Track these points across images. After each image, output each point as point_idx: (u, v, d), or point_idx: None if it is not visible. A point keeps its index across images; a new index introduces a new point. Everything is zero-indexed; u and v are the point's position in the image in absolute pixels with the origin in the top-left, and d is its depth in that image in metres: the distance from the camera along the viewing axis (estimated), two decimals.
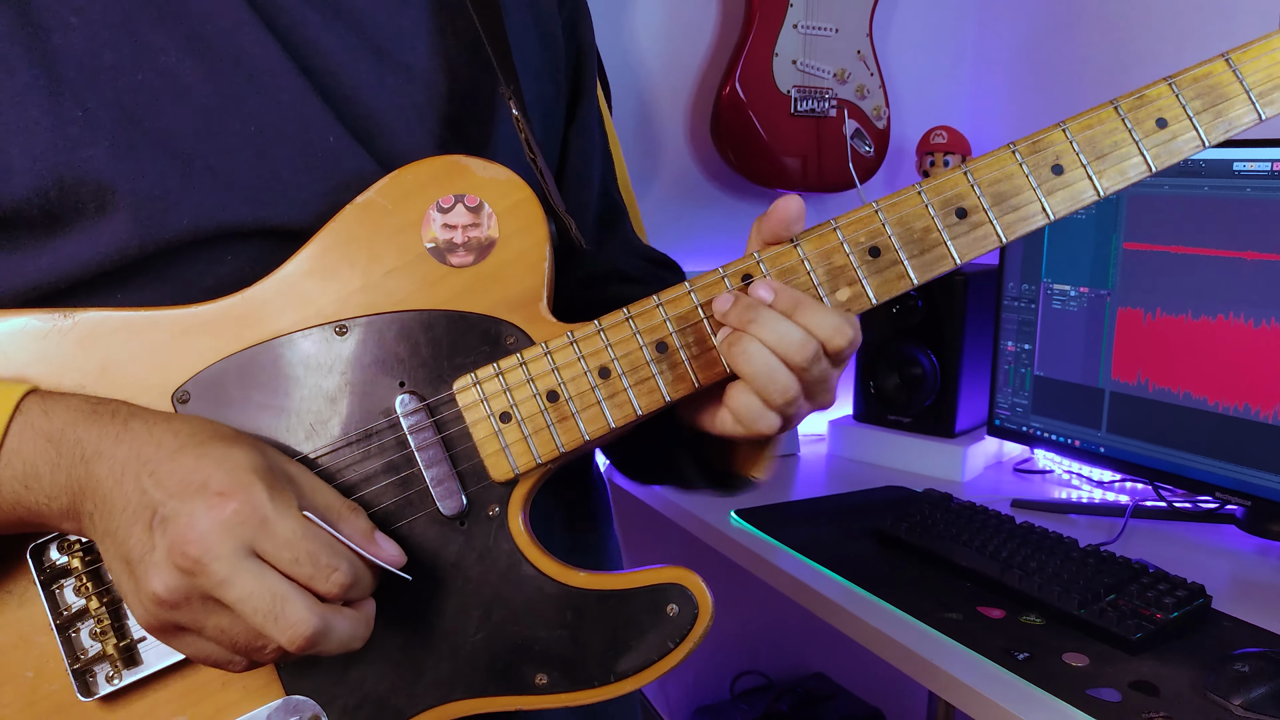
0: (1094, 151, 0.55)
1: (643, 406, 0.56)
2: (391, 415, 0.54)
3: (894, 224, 0.55)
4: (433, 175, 0.55)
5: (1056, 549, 1.14)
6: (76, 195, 0.52)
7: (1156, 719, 0.86)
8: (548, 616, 0.55)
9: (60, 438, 0.48)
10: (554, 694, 0.55)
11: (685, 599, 0.55)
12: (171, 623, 0.48)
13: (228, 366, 0.53)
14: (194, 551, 0.45)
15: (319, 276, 0.55)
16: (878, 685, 1.97)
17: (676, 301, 0.56)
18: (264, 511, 0.46)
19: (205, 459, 0.47)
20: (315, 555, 0.47)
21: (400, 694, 0.54)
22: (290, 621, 0.46)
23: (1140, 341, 1.34)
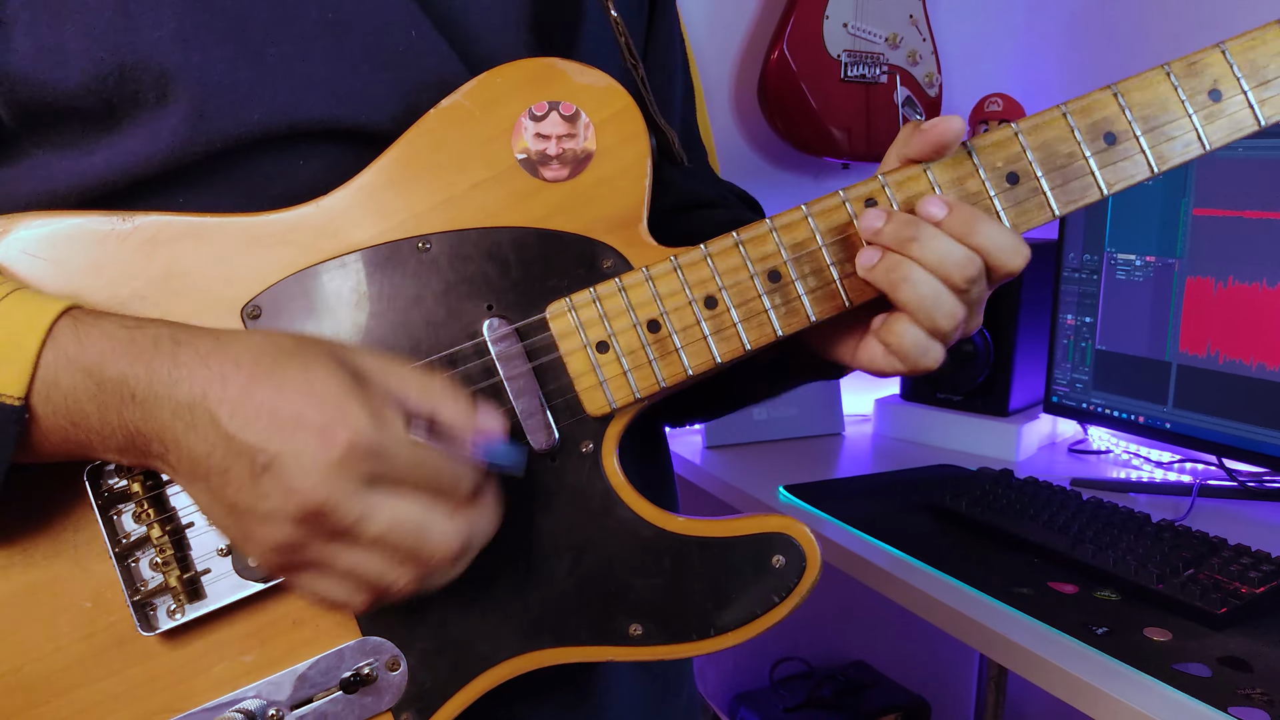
0: (1256, 75, 0.51)
1: (752, 341, 0.51)
2: (478, 339, 0.51)
3: (1035, 148, 0.51)
4: (525, 79, 0.51)
5: (1128, 524, 1.10)
6: (137, 83, 0.48)
7: (1255, 696, 0.81)
8: (644, 563, 0.51)
9: (101, 373, 0.44)
10: (649, 646, 0.51)
11: (792, 550, 0.51)
12: (292, 565, 0.44)
13: (301, 281, 0.50)
14: (317, 498, 0.41)
15: (400, 186, 0.51)
16: (920, 674, 1.94)
17: (791, 226, 0.51)
18: (374, 440, 0.42)
19: (285, 389, 0.43)
20: (438, 473, 0.44)
21: (484, 639, 0.50)
22: (439, 540, 0.44)
23: (1210, 312, 1.30)
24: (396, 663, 0.50)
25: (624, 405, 0.51)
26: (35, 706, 0.49)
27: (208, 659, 0.50)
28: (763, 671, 1.85)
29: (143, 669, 0.49)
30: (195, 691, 0.50)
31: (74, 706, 0.49)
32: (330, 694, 0.49)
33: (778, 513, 0.52)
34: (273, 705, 0.49)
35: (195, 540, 0.49)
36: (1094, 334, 1.43)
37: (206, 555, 0.49)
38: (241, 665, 0.49)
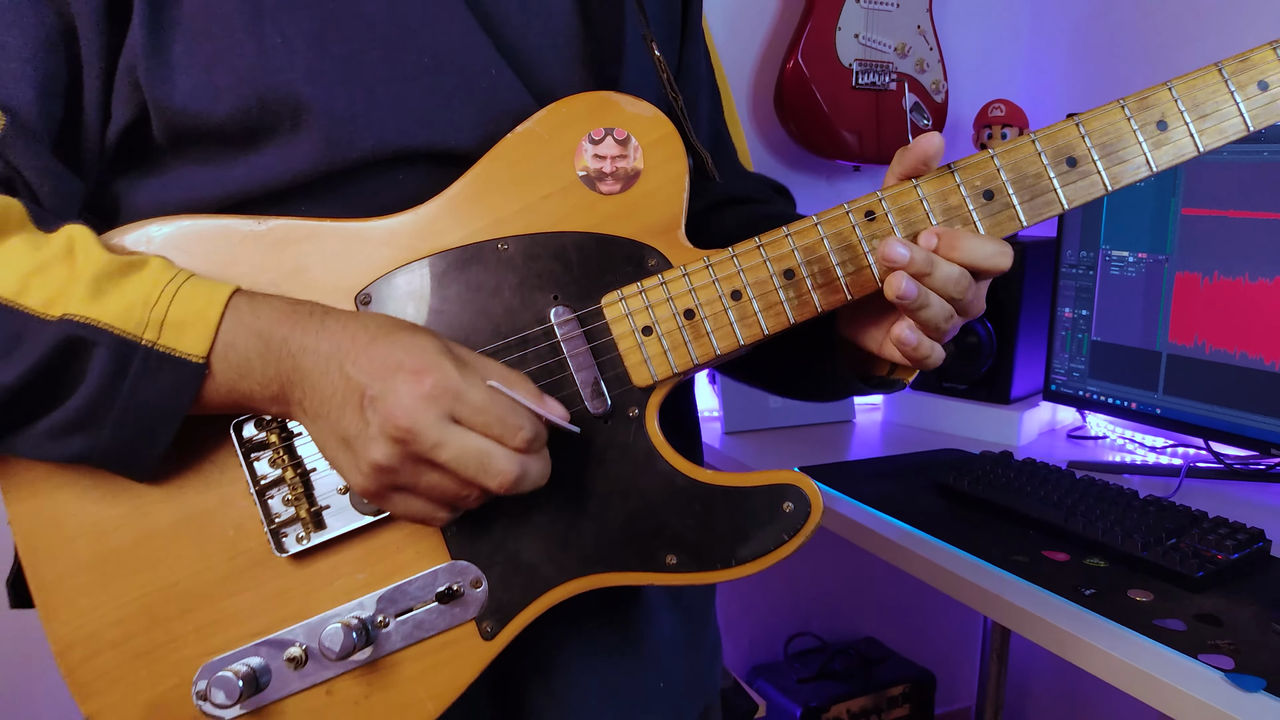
0: (1197, 109, 0.60)
1: (769, 327, 0.61)
2: (546, 324, 0.61)
3: (1008, 169, 0.60)
4: (586, 109, 0.62)
5: (1118, 499, 1.18)
6: (275, 114, 0.58)
7: (1223, 646, 0.90)
8: (679, 507, 0.61)
9: (269, 334, 0.55)
10: (681, 573, 0.61)
11: (800, 498, 0.61)
12: (389, 485, 0.54)
13: (403, 273, 0.60)
14: (405, 423, 0.52)
15: (483, 197, 0.61)
16: (928, 650, 2.02)
17: (804, 233, 0.61)
18: (456, 384, 0.53)
19: (396, 345, 0.54)
20: (503, 417, 0.54)
21: (549, 564, 0.60)
22: (497, 470, 0.53)
23: (1198, 304, 1.38)
24: (479, 581, 0.60)
25: (664, 378, 0.62)
26: (189, 613, 0.59)
27: (328, 577, 0.60)
28: (778, 646, 1.93)
29: (275, 584, 0.60)
30: (318, 602, 0.60)
31: (219, 614, 0.60)
32: (427, 605, 0.60)
33: (787, 469, 0.62)
34: (380, 613, 0.60)
35: (318, 482, 0.60)
36: (1090, 326, 1.52)
37: (328, 494, 0.60)
38: (355, 581, 0.60)
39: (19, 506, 0.59)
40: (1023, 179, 0.60)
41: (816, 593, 1.97)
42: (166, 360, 0.54)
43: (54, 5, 0.57)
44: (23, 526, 0.60)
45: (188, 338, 0.54)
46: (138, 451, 0.56)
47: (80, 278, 0.54)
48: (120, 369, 0.54)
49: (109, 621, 0.59)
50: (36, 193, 0.58)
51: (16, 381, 0.53)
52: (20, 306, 0.53)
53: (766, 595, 1.92)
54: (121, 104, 0.59)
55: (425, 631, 0.60)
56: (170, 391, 0.54)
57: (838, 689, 1.78)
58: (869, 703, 1.79)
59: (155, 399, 0.54)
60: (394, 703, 0.59)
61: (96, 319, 0.53)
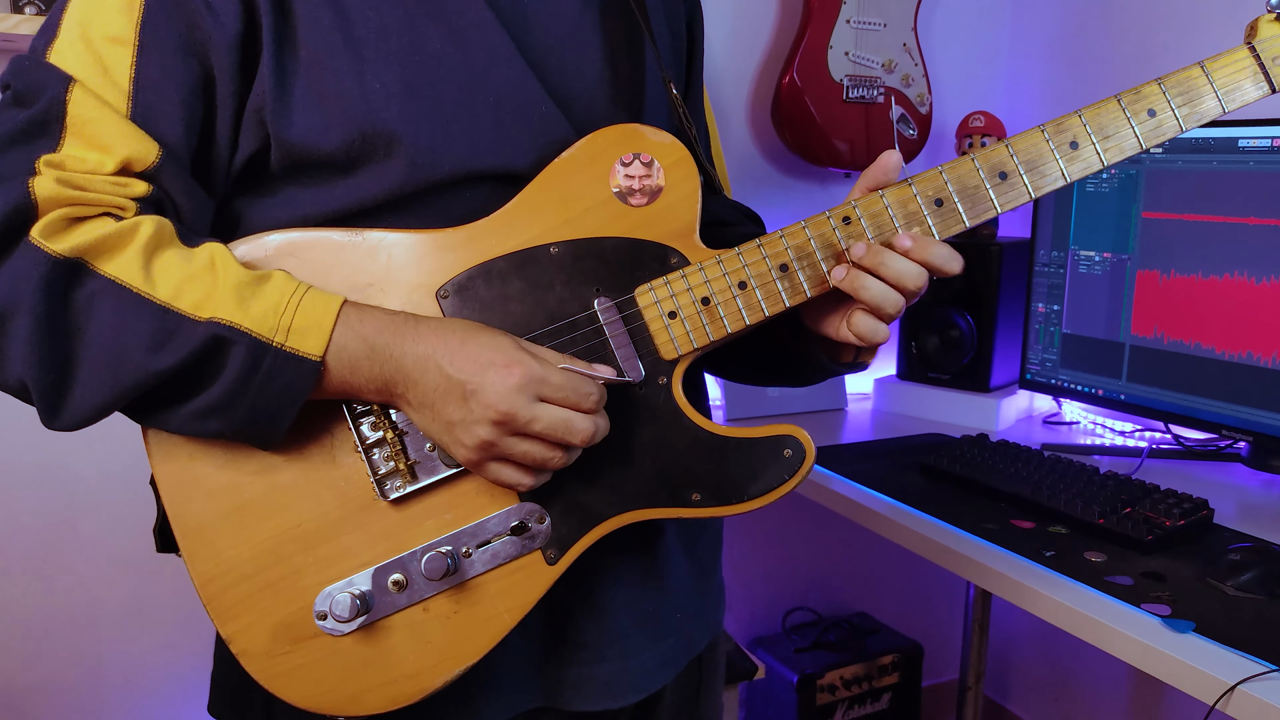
0: (1101, 132, 0.73)
1: (769, 309, 0.75)
2: (590, 311, 0.74)
3: (953, 182, 0.74)
4: (618, 138, 0.75)
5: (1080, 475, 1.28)
6: (374, 145, 0.70)
7: (1163, 597, 1.02)
8: (701, 455, 0.74)
9: (374, 340, 0.67)
10: (705, 508, 0.74)
11: (797, 445, 0.74)
12: (490, 456, 0.68)
13: (474, 273, 0.73)
14: (505, 408, 0.65)
15: (536, 211, 0.74)
16: (916, 623, 2.11)
17: (794, 234, 0.75)
18: (538, 370, 0.66)
19: (485, 346, 0.67)
20: (577, 388, 0.67)
21: (599, 502, 0.73)
22: (579, 429, 0.67)
23: (1156, 300, 1.48)
24: (543, 517, 0.73)
25: (686, 353, 0.75)
26: (310, 549, 0.71)
27: (421, 517, 0.72)
28: (776, 619, 2.03)
29: (379, 525, 0.71)
30: (414, 538, 0.72)
31: (335, 550, 0.72)
32: (502, 537, 0.72)
33: (788, 424, 0.75)
34: (464, 545, 0.72)
35: (410, 443, 0.72)
36: (1061, 320, 1.61)
37: (419, 451, 0.72)
38: (444, 520, 0.72)
39: (164, 467, 0.71)
40: (965, 189, 0.74)
41: (813, 570, 2.06)
42: (292, 359, 0.66)
43: (198, 58, 0.69)
44: (168, 484, 0.71)
45: (309, 340, 0.66)
46: (266, 431, 0.67)
47: (223, 287, 0.65)
48: (254, 365, 0.65)
49: (243, 558, 0.70)
50: (180, 212, 0.70)
51: (170, 369, 0.63)
52: (176, 308, 0.64)
53: (766, 572, 2.01)
54: (248, 138, 0.71)
55: (501, 559, 0.72)
56: (294, 384, 0.66)
57: (832, 658, 1.87)
58: (860, 671, 1.89)
59: (280, 390, 0.66)
60: (478, 615, 0.72)
61: (240, 323, 0.65)
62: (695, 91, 0.92)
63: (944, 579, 2.16)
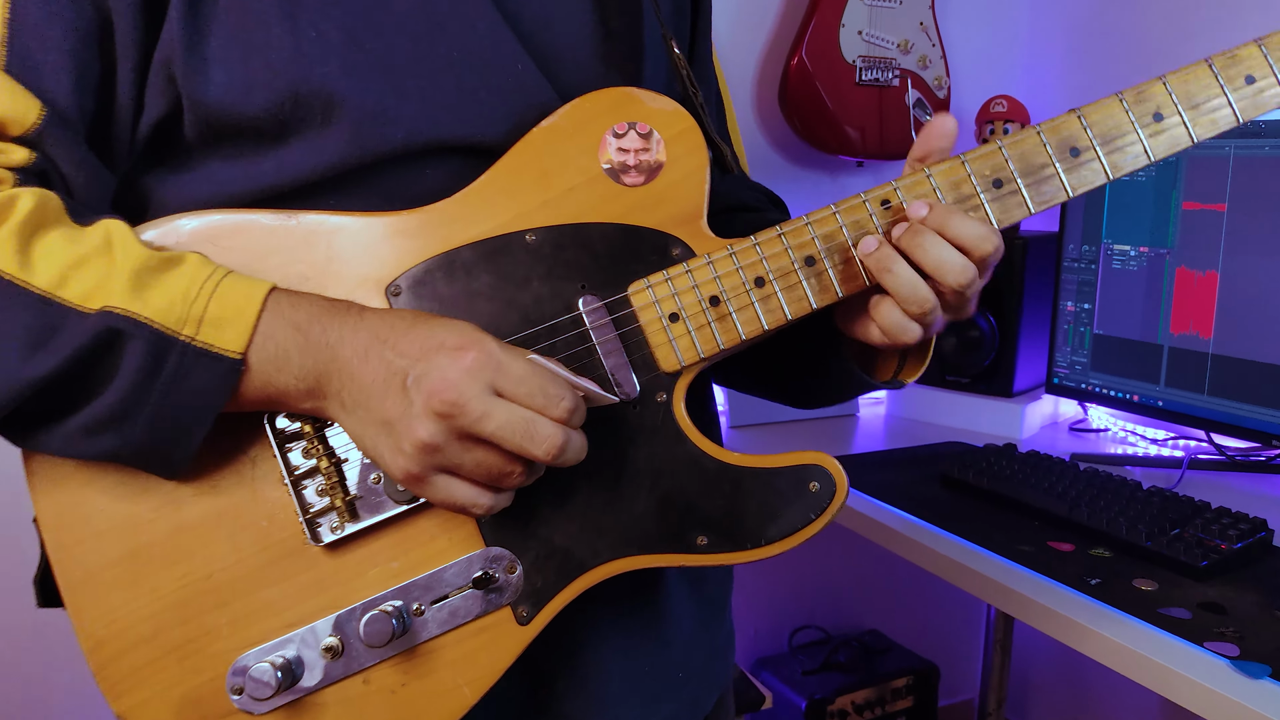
0: (1189, 101, 0.62)
1: (792, 312, 0.63)
2: (574, 312, 0.62)
3: (1016, 159, 0.62)
4: (609, 104, 0.63)
5: (1121, 490, 1.19)
6: (308, 108, 0.59)
7: (1228, 634, 0.91)
8: (708, 488, 0.62)
9: (308, 327, 0.56)
10: (713, 554, 0.62)
11: (825, 477, 0.62)
12: (433, 466, 0.55)
13: (433, 265, 0.61)
14: (450, 396, 0.53)
15: (510, 190, 0.62)
16: (931, 643, 2.03)
17: (823, 221, 0.63)
18: (498, 356, 0.54)
19: (436, 326, 0.55)
20: (545, 388, 0.55)
21: (583, 548, 0.61)
22: (543, 436, 0.54)
23: (1198, 298, 1.38)
24: (514, 567, 0.61)
25: (690, 363, 0.63)
26: (223, 605, 0.60)
27: (363, 566, 0.60)
28: (782, 638, 1.94)
29: (310, 574, 0.60)
30: (353, 591, 0.60)
31: (254, 605, 0.60)
32: (462, 591, 0.60)
33: (812, 450, 0.63)
34: (416, 601, 0.60)
35: (350, 472, 0.60)
36: (1092, 319, 1.53)
37: (361, 483, 0.60)
38: (390, 570, 0.60)
39: (47, 501, 0.60)
40: (1030, 168, 0.62)
41: (821, 585, 1.98)
42: (204, 356, 0.54)
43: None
44: (51, 523, 0.60)
45: (227, 333, 0.55)
46: (170, 449, 0.56)
47: (120, 272, 0.54)
48: (155, 365, 0.54)
49: (141, 617, 0.59)
50: (70, 185, 0.59)
51: (51, 374, 0.53)
52: (59, 299, 0.54)
53: (771, 588, 1.94)
54: (155, 97, 0.59)
55: (461, 618, 0.61)
56: (206, 388, 0.55)
57: (842, 681, 1.79)
58: (873, 694, 1.81)
59: (190, 396, 0.55)
60: (431, 690, 0.60)
61: (138, 312, 0.54)
62: (702, 52, 0.80)
63: (960, 593, 2.06)
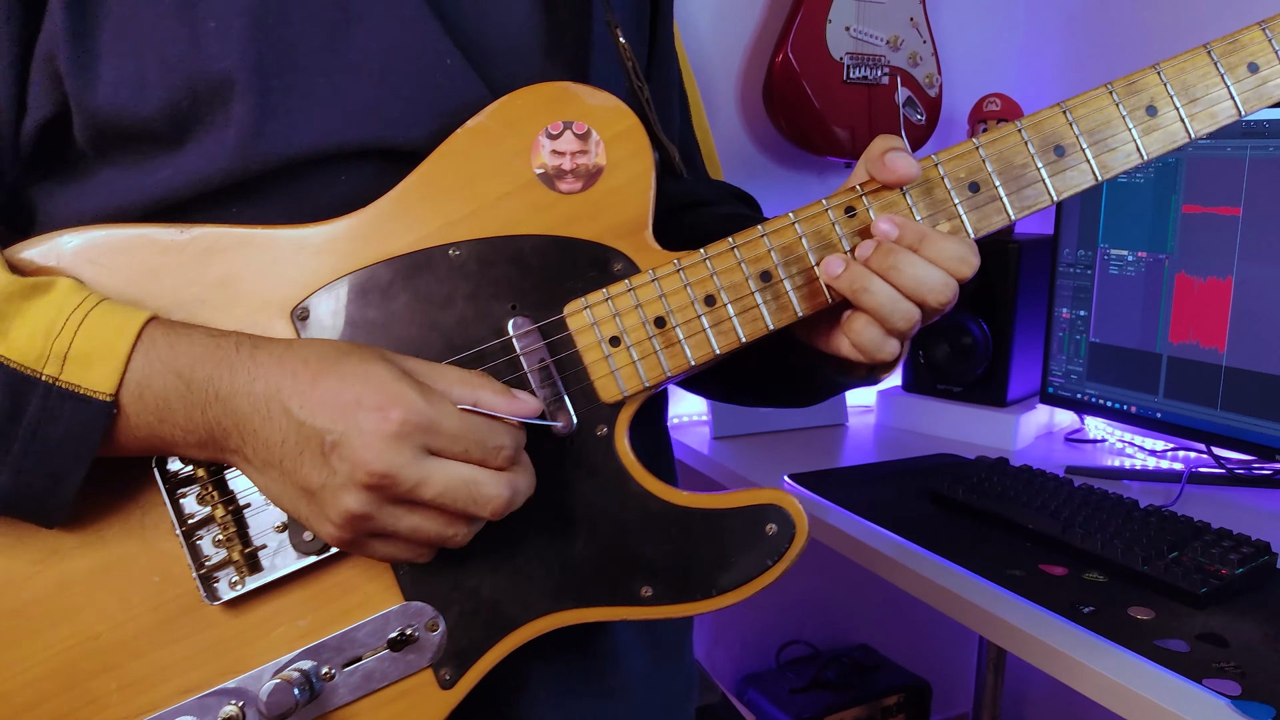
0: (1187, 93, 0.56)
1: (746, 334, 0.57)
2: (504, 336, 0.56)
3: (994, 160, 0.56)
4: (542, 101, 0.57)
5: (1117, 509, 1.14)
6: (206, 106, 0.53)
7: (1228, 669, 0.86)
8: (653, 533, 0.56)
9: (190, 375, 0.50)
10: (659, 606, 0.56)
11: (783, 519, 0.56)
12: (365, 533, 0.50)
13: (344, 285, 0.55)
14: (379, 467, 0.47)
15: (432, 199, 0.56)
16: (924, 658, 1.98)
17: (781, 232, 0.57)
18: (427, 414, 0.48)
19: (347, 378, 0.49)
20: (482, 440, 0.49)
21: (513, 602, 0.56)
22: (488, 497, 0.50)
23: (1199, 305, 1.33)
24: (436, 624, 0.55)
25: (634, 392, 0.57)
26: (111, 669, 0.54)
27: (266, 625, 0.55)
28: (770, 654, 1.89)
29: (208, 635, 0.55)
30: (256, 654, 0.55)
31: (146, 669, 0.54)
32: (378, 652, 0.54)
33: (770, 487, 0.58)
34: (326, 664, 0.54)
35: (253, 519, 0.55)
36: (1088, 327, 1.48)
37: (264, 532, 0.55)
38: (297, 629, 0.55)
39: None
40: (1009, 169, 0.57)
41: (809, 599, 1.93)
42: (69, 398, 0.49)
43: None
44: None
45: (94, 373, 0.49)
46: (43, 498, 0.50)
47: None
48: (15, 408, 0.48)
49: (20, 684, 0.54)
50: None
51: None
52: None
53: (758, 602, 1.88)
54: (39, 98, 0.53)
55: (376, 682, 0.55)
56: (75, 433, 0.49)
57: (831, 699, 1.74)
58: (862, 713, 1.75)
59: (58, 441, 0.49)
60: None
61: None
62: (664, 46, 0.73)
63: None
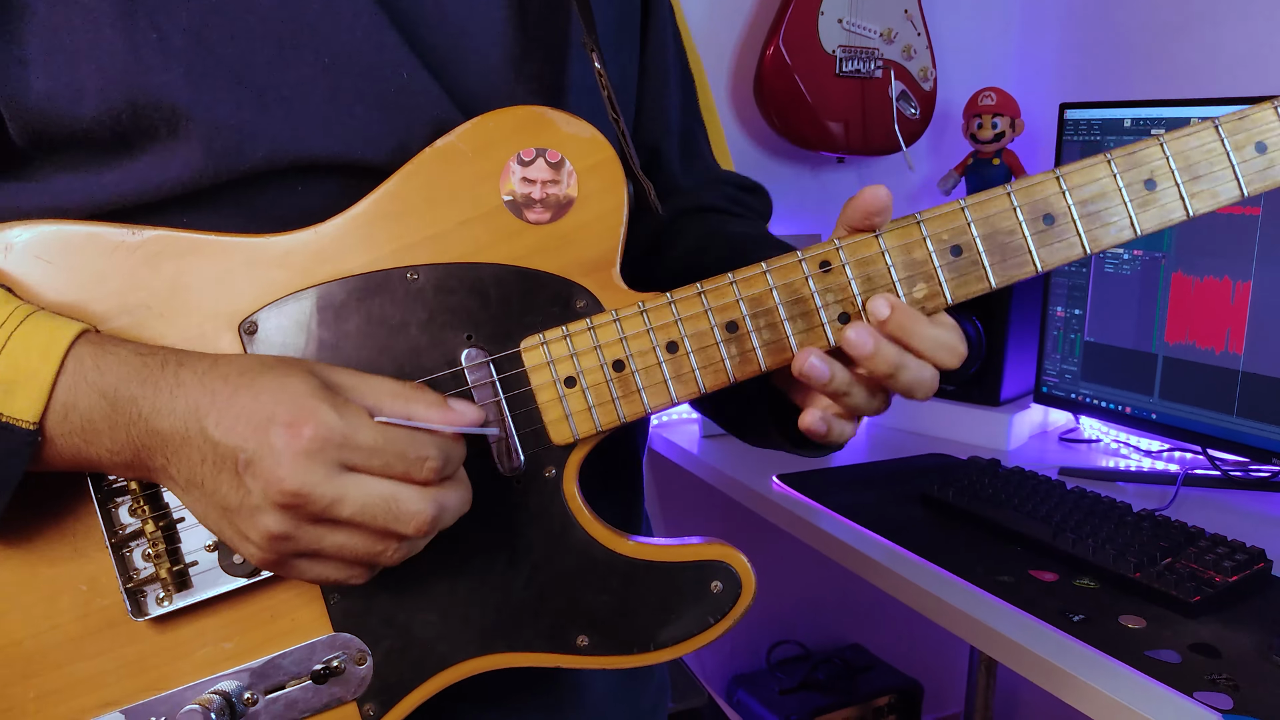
0: (1190, 170, 0.54)
1: (707, 385, 0.55)
2: (456, 367, 0.54)
3: (979, 224, 0.54)
4: (516, 125, 0.55)
5: (1110, 514, 1.13)
6: (150, 119, 0.51)
7: (1220, 681, 0.84)
8: (594, 581, 0.55)
9: (115, 395, 0.48)
10: (593, 656, 0.55)
11: (729, 577, 0.55)
12: (288, 553, 0.48)
13: (296, 301, 0.53)
14: (291, 485, 0.45)
15: (393, 218, 0.54)
16: (916, 658, 1.98)
17: (751, 282, 0.55)
18: (339, 429, 0.46)
19: (262, 394, 0.47)
20: (403, 452, 0.47)
21: (445, 641, 0.54)
22: (410, 514, 0.47)
23: (1195, 305, 1.32)
24: (363, 658, 0.54)
25: (586, 436, 0.55)
26: (31, 677, 0.53)
27: (191, 644, 0.54)
28: (759, 654, 1.89)
29: (131, 650, 0.53)
30: (179, 673, 0.54)
31: (66, 679, 0.53)
32: (301, 682, 0.53)
33: (721, 541, 0.56)
34: (248, 689, 0.53)
35: (186, 535, 0.53)
36: (1083, 326, 1.46)
37: (195, 550, 0.53)
38: (222, 651, 0.53)
39: None
40: (994, 235, 0.54)
41: (801, 599, 1.92)
42: None
43: None
44: None
45: (18, 400, 0.47)
46: None
47: None
48: None
49: None
50: None
51: None
52: None
53: None
54: None
55: (298, 712, 0.53)
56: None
57: (821, 700, 1.74)
58: (854, 714, 1.75)
59: None
60: None
61: None
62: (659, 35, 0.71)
63: None
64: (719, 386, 0.55)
